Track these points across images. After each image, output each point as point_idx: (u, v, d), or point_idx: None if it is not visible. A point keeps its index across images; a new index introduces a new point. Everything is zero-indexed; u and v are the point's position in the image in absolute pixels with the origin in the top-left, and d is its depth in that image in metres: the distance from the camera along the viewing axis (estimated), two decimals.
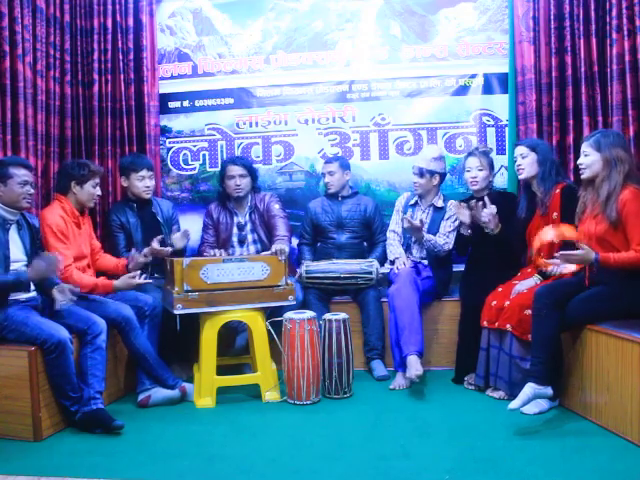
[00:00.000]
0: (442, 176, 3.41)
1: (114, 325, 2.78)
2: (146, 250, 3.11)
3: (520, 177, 3.02)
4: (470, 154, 3.23)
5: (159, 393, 2.81)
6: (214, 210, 3.58)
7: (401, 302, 3.02)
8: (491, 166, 3.22)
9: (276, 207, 3.50)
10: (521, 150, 2.99)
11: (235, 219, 3.54)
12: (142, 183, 3.32)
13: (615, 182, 2.47)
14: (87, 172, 2.95)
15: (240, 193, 3.48)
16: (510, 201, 3.20)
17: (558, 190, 2.84)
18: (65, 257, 2.77)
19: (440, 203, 3.39)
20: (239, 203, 3.54)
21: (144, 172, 3.32)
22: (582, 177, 2.61)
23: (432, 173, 3.34)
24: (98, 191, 3.04)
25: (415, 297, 3.04)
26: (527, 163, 2.94)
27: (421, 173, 3.33)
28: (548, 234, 2.52)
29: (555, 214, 2.82)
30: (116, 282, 2.91)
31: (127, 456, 2.24)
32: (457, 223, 3.29)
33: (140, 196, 3.35)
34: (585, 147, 2.59)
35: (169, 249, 3.16)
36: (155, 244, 3.11)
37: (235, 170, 3.46)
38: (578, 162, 2.63)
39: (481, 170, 3.16)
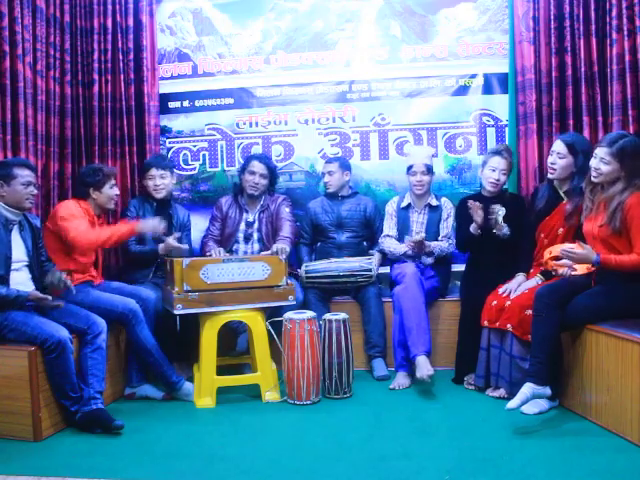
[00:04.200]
0: None
1: (121, 318, 2.79)
2: (161, 246, 3.21)
3: (550, 176, 2.86)
4: (498, 153, 3.11)
5: (143, 391, 2.88)
6: (224, 203, 3.59)
7: (408, 302, 3.01)
8: (510, 170, 3.17)
9: (286, 210, 3.52)
10: (559, 147, 2.79)
11: (244, 215, 3.55)
12: (151, 182, 3.38)
13: (627, 194, 2.40)
14: (102, 176, 3.03)
15: (255, 192, 3.49)
16: (518, 204, 3.14)
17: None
18: (81, 224, 2.86)
19: (435, 202, 3.39)
20: (252, 200, 3.55)
21: (152, 171, 3.37)
22: (595, 181, 2.51)
23: (432, 170, 3.36)
24: (116, 191, 3.15)
25: (422, 297, 3.04)
26: (561, 165, 2.77)
27: (429, 170, 3.33)
28: (559, 250, 2.52)
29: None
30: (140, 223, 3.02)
31: (127, 456, 2.24)
32: (451, 221, 3.32)
33: (151, 195, 3.39)
34: (604, 154, 2.43)
35: (186, 246, 3.24)
36: (172, 240, 3.15)
37: (258, 167, 3.48)
38: (594, 166, 2.49)
39: (505, 174, 3.11)
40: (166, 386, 2.88)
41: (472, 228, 3.06)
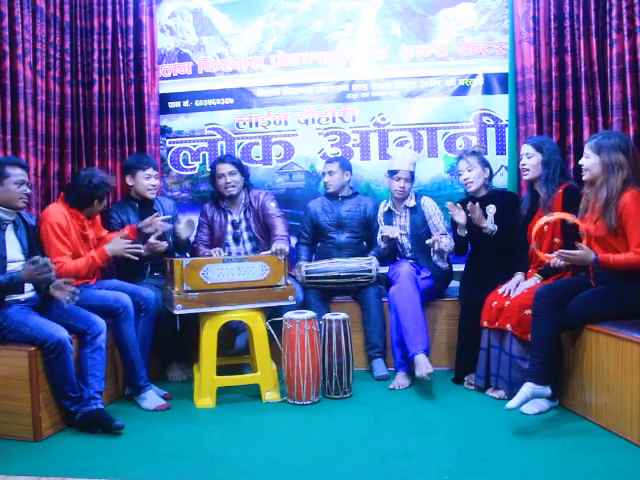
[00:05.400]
0: None
1: (111, 311, 2.76)
2: (143, 247, 3.11)
3: (525, 178, 2.97)
4: (459, 157, 3.21)
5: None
6: (208, 209, 3.59)
7: (403, 301, 3.01)
8: (483, 164, 3.15)
9: (272, 205, 3.49)
10: (527, 149, 2.93)
11: (229, 217, 3.54)
12: (148, 181, 3.31)
13: (613, 187, 2.45)
14: (109, 189, 2.98)
15: (233, 191, 3.47)
16: (510, 200, 3.16)
17: (560, 190, 2.82)
18: (61, 254, 2.76)
19: (412, 203, 3.39)
20: (232, 201, 3.54)
21: (150, 171, 3.31)
22: (583, 178, 2.61)
23: (414, 176, 3.38)
24: (105, 202, 3.06)
25: (417, 296, 3.04)
26: (531, 164, 2.89)
27: (412, 177, 3.36)
28: (542, 220, 2.58)
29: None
30: (107, 246, 2.91)
31: (127, 456, 2.24)
32: (438, 218, 3.33)
33: (144, 195, 3.33)
34: (586, 149, 2.58)
35: (165, 243, 3.15)
36: (152, 239, 3.10)
37: (224, 168, 3.46)
38: (579, 163, 2.63)
39: (470, 170, 3.11)
40: (130, 385, 2.84)
41: (458, 230, 3.10)
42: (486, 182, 3.16)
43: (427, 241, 3.14)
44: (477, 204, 2.97)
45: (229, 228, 3.53)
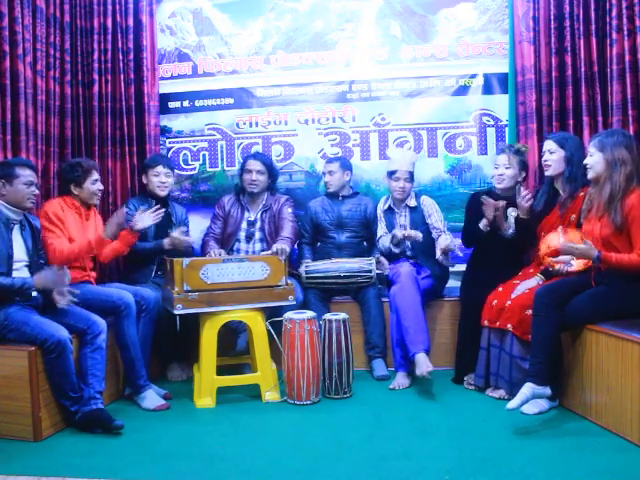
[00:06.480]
0: None
1: (113, 308, 2.77)
2: (166, 240, 3.26)
3: (546, 174, 2.94)
4: (501, 151, 3.14)
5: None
6: (227, 202, 3.60)
7: (404, 301, 3.01)
8: (522, 166, 3.11)
9: (288, 211, 3.52)
10: (549, 145, 2.90)
11: (246, 214, 3.55)
12: (157, 178, 3.39)
13: (617, 184, 2.45)
14: (80, 172, 2.96)
15: (254, 189, 3.50)
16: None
17: (582, 193, 2.77)
18: (56, 237, 2.80)
19: (413, 202, 3.41)
20: (253, 199, 3.56)
21: (159, 168, 3.39)
22: (587, 177, 2.61)
23: (413, 177, 3.39)
24: (99, 186, 3.04)
25: (418, 296, 3.04)
26: (554, 160, 2.86)
27: (412, 177, 3.36)
28: (555, 240, 2.55)
29: (573, 216, 2.77)
30: (104, 231, 2.89)
31: (127, 456, 2.24)
32: (439, 216, 3.34)
33: (154, 191, 3.39)
34: (590, 147, 2.59)
35: (190, 238, 3.29)
36: (176, 233, 3.21)
37: (253, 165, 3.50)
38: (584, 162, 2.62)
39: (508, 168, 3.07)
40: (130, 385, 2.85)
41: (482, 225, 3.05)
42: (518, 185, 3.11)
43: (437, 254, 3.15)
44: (504, 203, 2.94)
45: (243, 225, 3.54)
